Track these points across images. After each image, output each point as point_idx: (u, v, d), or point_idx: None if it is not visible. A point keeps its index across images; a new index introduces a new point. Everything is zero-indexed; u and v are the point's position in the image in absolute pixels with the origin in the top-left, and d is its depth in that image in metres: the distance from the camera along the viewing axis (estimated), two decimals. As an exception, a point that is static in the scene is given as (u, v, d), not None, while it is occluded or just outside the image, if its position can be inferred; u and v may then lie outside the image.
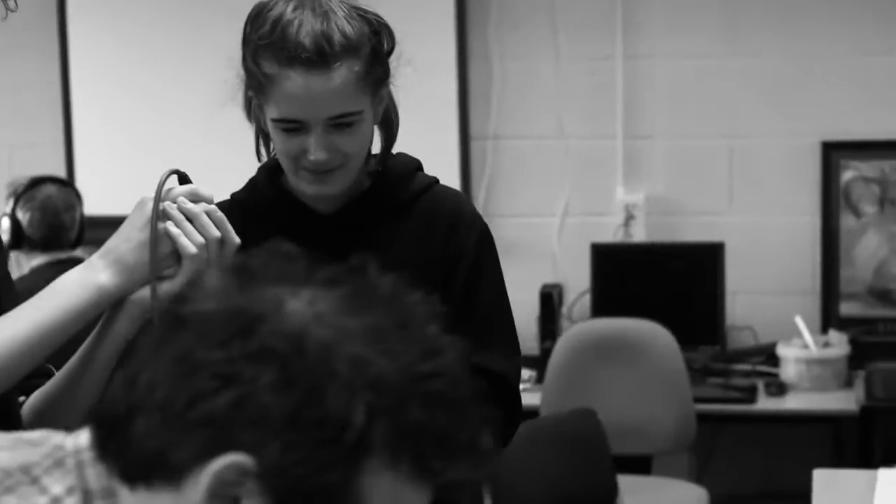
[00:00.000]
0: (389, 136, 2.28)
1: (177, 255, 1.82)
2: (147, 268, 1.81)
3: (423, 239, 2.25)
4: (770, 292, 5.02)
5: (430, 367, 1.12)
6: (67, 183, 4.52)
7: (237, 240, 1.84)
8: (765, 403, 4.60)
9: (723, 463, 4.97)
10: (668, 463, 4.72)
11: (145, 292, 1.81)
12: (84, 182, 5.14)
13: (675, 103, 5.06)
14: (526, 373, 4.40)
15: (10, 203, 4.17)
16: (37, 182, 4.22)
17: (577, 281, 5.05)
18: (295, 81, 2.09)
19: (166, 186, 1.85)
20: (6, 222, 4.09)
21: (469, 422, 1.13)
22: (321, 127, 2.11)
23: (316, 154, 2.11)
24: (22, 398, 1.90)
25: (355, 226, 2.23)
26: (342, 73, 2.09)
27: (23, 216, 4.09)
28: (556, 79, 5.10)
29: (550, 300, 4.87)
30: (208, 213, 1.83)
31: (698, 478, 4.80)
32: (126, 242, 1.83)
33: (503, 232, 4.77)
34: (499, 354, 2.23)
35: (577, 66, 5.07)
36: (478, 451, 1.13)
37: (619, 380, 4.44)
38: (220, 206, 2.07)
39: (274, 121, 2.14)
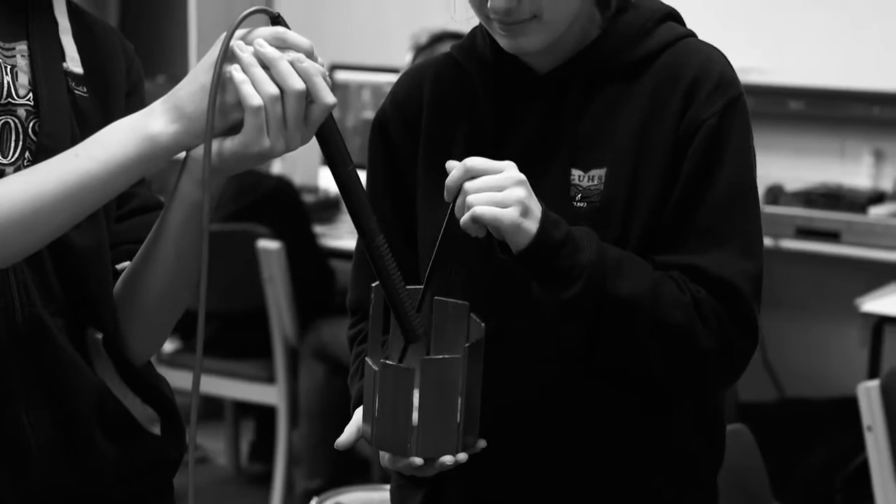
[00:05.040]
0: None
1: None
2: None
3: (654, 104, 1.78)
4: None
5: None
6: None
7: (331, 99, 1.51)
8: None
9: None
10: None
11: (213, 148, 1.52)
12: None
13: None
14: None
15: (411, 56, 4.18)
16: (439, 38, 4.19)
17: None
18: None
19: (258, 28, 1.54)
20: None
21: None
22: None
23: (495, 1, 1.75)
24: (126, 264, 1.75)
25: (576, 87, 1.81)
26: None
27: None
28: None
29: None
30: (293, 63, 1.50)
31: None
32: (188, 85, 1.53)
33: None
34: (728, 255, 1.73)
35: None
36: None
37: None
38: (435, 59, 1.95)
39: None
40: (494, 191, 1.63)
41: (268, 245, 4.38)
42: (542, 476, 1.83)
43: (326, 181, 5.36)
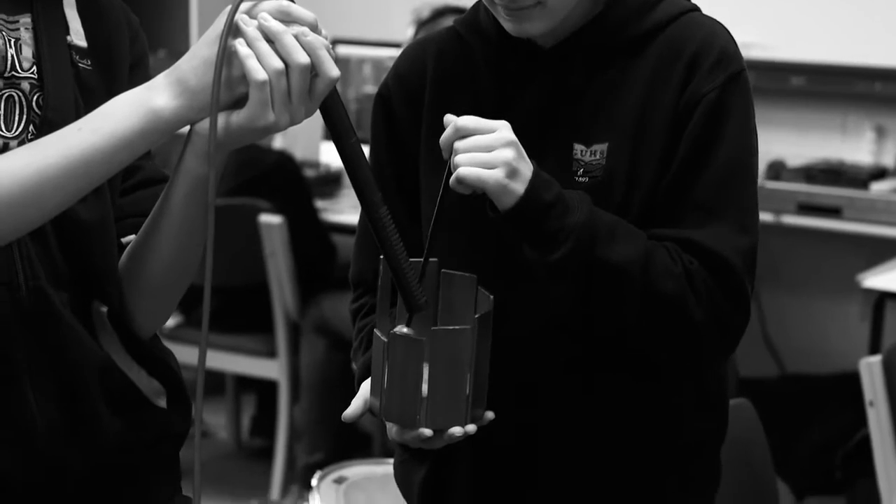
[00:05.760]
0: None
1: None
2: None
3: (656, 79, 1.77)
4: None
5: None
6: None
7: (335, 72, 1.51)
8: None
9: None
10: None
11: (218, 122, 1.52)
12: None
13: None
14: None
15: (412, 31, 4.14)
16: (441, 12, 4.16)
17: None
18: None
19: (263, 2, 1.53)
20: None
21: None
22: None
23: None
24: (131, 237, 1.75)
25: (579, 62, 1.81)
26: None
27: None
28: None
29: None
30: (298, 37, 1.50)
31: None
32: (191, 59, 1.52)
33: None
34: (723, 229, 1.73)
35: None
36: None
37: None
38: (438, 33, 1.95)
39: None
40: (483, 151, 1.64)
41: (269, 220, 4.38)
42: (544, 452, 1.83)
43: (328, 156, 5.36)
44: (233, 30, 1.50)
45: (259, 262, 4.44)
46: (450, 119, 1.67)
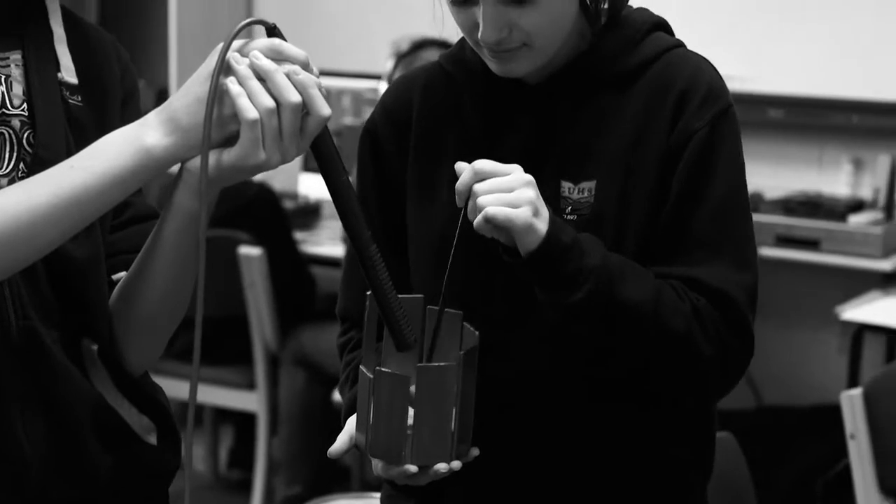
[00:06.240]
0: None
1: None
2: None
3: (644, 116, 1.78)
4: None
5: None
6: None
7: (326, 111, 1.50)
8: None
9: None
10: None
11: (209, 161, 1.51)
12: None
13: None
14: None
15: (392, 63, 4.12)
16: (420, 45, 4.13)
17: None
18: None
19: (254, 40, 1.53)
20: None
21: None
22: None
23: (485, 33, 1.73)
24: (122, 274, 1.73)
25: (565, 99, 1.82)
26: None
27: None
28: None
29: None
30: (290, 75, 1.49)
31: None
32: (182, 97, 1.52)
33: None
34: (723, 266, 1.74)
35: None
36: None
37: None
38: (424, 68, 1.95)
39: None
40: (505, 192, 1.64)
41: (249, 251, 4.37)
42: (535, 486, 1.83)
43: (306, 188, 5.36)
44: (224, 68, 1.51)
45: (238, 293, 4.44)
46: (463, 166, 1.67)
